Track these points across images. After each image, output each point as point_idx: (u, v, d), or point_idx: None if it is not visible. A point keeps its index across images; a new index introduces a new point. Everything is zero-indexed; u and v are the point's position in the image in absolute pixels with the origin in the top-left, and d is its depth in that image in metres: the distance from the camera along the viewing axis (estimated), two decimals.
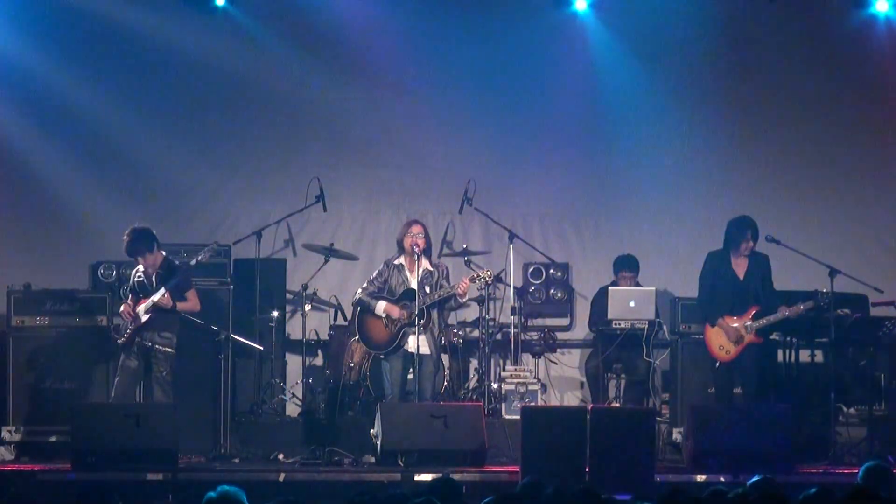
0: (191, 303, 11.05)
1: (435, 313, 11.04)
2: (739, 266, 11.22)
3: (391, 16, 13.37)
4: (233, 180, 13.42)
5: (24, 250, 12.92)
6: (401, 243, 11.18)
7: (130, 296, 11.04)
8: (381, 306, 11.04)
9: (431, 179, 13.48)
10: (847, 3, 13.42)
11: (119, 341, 10.94)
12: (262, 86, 13.25)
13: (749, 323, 11.08)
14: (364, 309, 11.12)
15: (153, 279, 10.95)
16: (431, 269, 11.12)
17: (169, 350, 10.89)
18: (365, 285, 11.20)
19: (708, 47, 13.44)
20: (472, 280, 11.11)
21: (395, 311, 11.01)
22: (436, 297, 10.97)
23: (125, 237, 10.94)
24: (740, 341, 11.09)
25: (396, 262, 11.19)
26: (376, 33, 13.30)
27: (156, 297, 10.81)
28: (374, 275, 11.22)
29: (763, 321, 11.06)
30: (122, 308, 11.03)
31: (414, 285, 10.96)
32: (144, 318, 10.83)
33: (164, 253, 11.08)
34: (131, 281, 11.12)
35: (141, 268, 11.00)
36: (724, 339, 11.14)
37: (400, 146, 13.48)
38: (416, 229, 11.12)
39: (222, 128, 13.39)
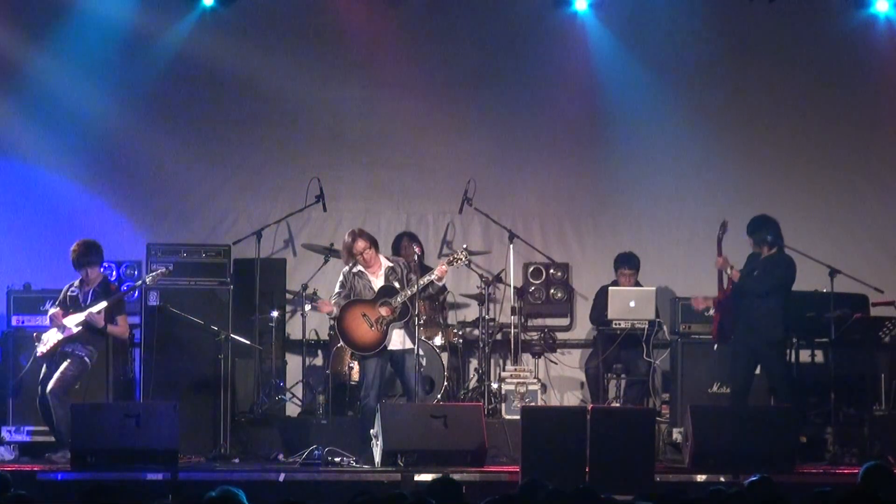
0: (120, 328, 10.97)
1: (414, 305, 10.91)
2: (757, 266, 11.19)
3: (392, 16, 13.38)
4: (233, 180, 13.39)
5: (24, 250, 12.89)
6: (350, 253, 10.94)
7: (59, 309, 10.90)
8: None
9: (431, 179, 13.46)
10: (847, 3, 13.41)
11: (40, 352, 10.84)
12: (261, 86, 13.21)
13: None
14: (341, 316, 10.92)
15: (88, 295, 10.89)
16: (391, 264, 11.03)
17: (86, 360, 10.79)
18: (335, 299, 10.98)
19: (708, 47, 13.43)
20: (450, 263, 11.04)
21: (385, 310, 10.87)
22: (415, 288, 10.86)
23: (74, 248, 10.91)
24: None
25: (355, 270, 10.97)
26: (376, 33, 13.30)
27: (94, 309, 10.70)
28: (339, 287, 10.98)
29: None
30: (51, 312, 10.90)
31: (380, 285, 10.88)
32: (75, 330, 10.74)
33: (102, 272, 11.10)
34: (63, 294, 11.00)
35: (76, 283, 10.96)
36: (710, 303, 11.29)
37: (400, 146, 13.47)
38: (360, 246, 10.84)
39: (222, 128, 13.35)
